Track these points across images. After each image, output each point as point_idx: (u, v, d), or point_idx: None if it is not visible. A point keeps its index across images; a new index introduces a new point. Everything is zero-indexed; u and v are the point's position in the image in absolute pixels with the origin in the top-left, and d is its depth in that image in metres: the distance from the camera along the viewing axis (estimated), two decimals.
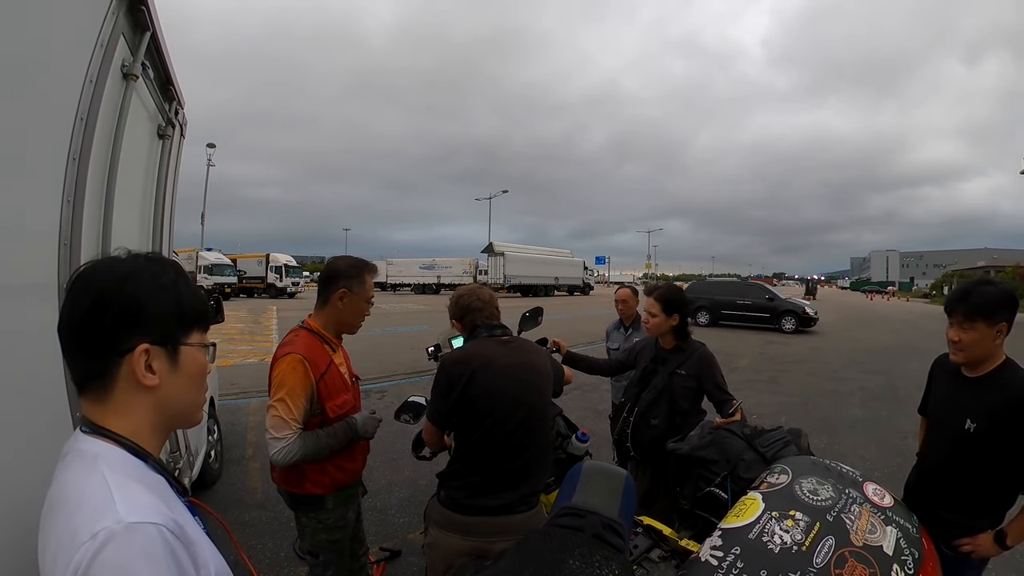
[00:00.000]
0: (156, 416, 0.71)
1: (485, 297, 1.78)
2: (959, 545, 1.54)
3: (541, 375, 1.66)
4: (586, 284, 42.06)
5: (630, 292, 3.67)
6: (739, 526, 1.16)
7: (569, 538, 0.95)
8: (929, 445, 1.73)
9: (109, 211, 1.41)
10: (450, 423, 1.62)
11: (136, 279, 0.68)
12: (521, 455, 1.55)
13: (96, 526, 0.54)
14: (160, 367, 0.69)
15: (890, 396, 6.73)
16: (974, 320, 1.49)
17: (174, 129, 2.16)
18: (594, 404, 5.71)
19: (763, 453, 1.62)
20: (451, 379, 1.54)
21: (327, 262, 1.88)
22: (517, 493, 1.54)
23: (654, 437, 2.15)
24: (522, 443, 1.55)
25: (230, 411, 5.43)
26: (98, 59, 1.25)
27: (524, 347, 1.72)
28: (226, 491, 3.53)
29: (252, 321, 15.40)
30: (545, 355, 1.77)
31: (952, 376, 1.65)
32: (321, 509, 1.76)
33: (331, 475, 1.75)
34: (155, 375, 0.68)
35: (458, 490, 1.55)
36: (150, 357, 0.68)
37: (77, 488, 0.60)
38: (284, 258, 31.69)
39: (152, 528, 0.56)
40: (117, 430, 0.67)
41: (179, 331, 0.71)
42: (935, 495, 1.62)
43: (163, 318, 0.69)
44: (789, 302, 15.39)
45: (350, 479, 1.83)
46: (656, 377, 2.26)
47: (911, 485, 1.76)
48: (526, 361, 1.64)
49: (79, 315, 0.66)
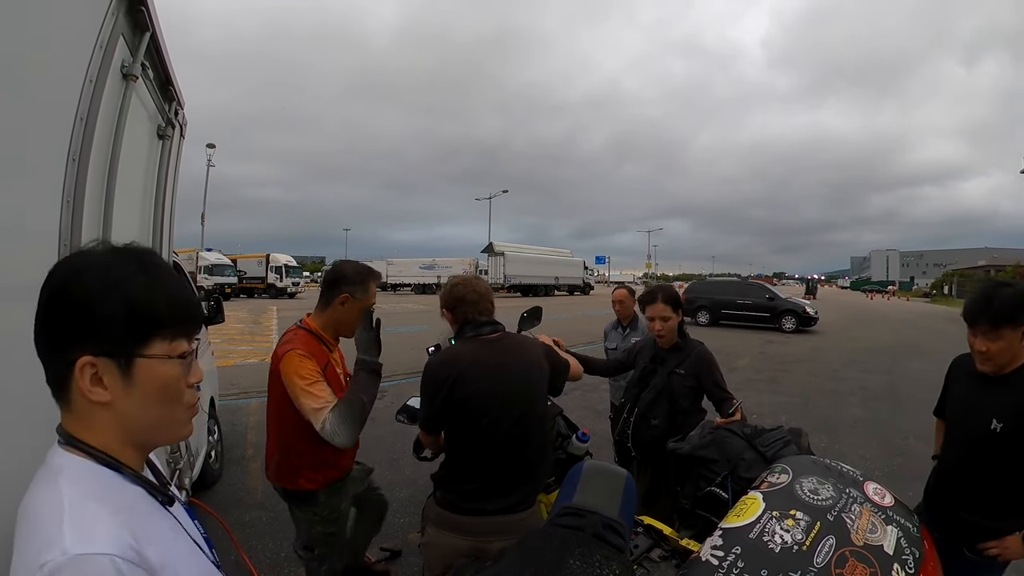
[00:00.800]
0: (123, 432, 0.63)
1: (481, 290, 1.68)
2: (984, 548, 1.50)
3: (534, 372, 1.60)
4: (586, 284, 42.08)
5: (627, 292, 3.66)
6: (740, 526, 1.16)
7: (569, 538, 0.95)
8: (949, 447, 1.70)
9: (109, 212, 1.41)
10: (440, 427, 1.59)
11: (85, 276, 0.59)
12: (516, 459, 1.52)
13: (43, 557, 0.51)
14: (112, 382, 0.60)
15: (891, 396, 6.73)
16: (1000, 328, 1.45)
17: (174, 129, 2.15)
18: (594, 404, 5.70)
19: (763, 453, 1.62)
20: (436, 383, 1.51)
21: (333, 265, 1.93)
22: (515, 496, 1.52)
23: (654, 437, 2.15)
24: (517, 446, 1.51)
25: (230, 411, 5.43)
26: (98, 60, 1.25)
27: (514, 344, 1.66)
28: (226, 491, 3.53)
29: (252, 321, 15.40)
30: (538, 350, 1.70)
31: (972, 377, 1.61)
32: (314, 503, 1.82)
33: (323, 472, 1.81)
34: (106, 390, 0.60)
35: (453, 494, 1.53)
36: (98, 370, 0.59)
37: (35, 509, 0.56)
38: (284, 258, 31.71)
39: (103, 559, 0.51)
40: (88, 441, 0.61)
41: (130, 340, 0.60)
42: (957, 497, 1.59)
43: (108, 324, 0.58)
44: (789, 302, 15.38)
45: (341, 474, 1.88)
46: (655, 377, 2.25)
47: (931, 487, 1.73)
48: (516, 359, 1.58)
49: (38, 315, 0.60)
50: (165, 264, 0.65)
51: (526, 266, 35.54)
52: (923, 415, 5.97)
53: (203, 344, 3.77)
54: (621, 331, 3.60)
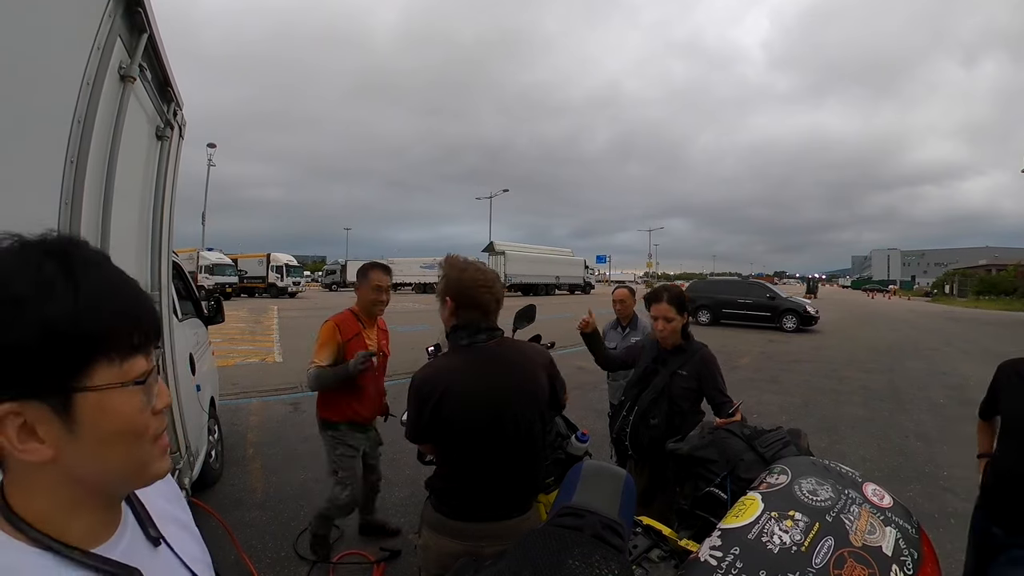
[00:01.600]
0: (72, 491, 0.47)
1: (497, 293, 1.48)
2: None
3: (530, 387, 1.47)
4: (587, 283, 42.08)
5: (627, 292, 3.66)
6: (738, 526, 1.16)
7: (569, 538, 0.95)
8: (1010, 451, 1.71)
9: (107, 213, 1.42)
10: (426, 439, 1.53)
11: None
12: (508, 474, 1.46)
13: None
14: (49, 431, 0.43)
15: (892, 396, 6.72)
16: None
17: (172, 130, 2.16)
18: (594, 404, 5.70)
19: (763, 453, 1.62)
20: (421, 399, 1.43)
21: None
22: (510, 504, 1.48)
23: (653, 437, 2.15)
24: (509, 463, 1.45)
25: (231, 411, 5.44)
26: (95, 61, 1.25)
27: (513, 354, 1.51)
28: (227, 491, 3.53)
29: (253, 321, 15.42)
30: (539, 361, 1.54)
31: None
32: (336, 429, 2.59)
33: (344, 410, 2.58)
34: (43, 443, 0.43)
35: (445, 503, 1.50)
36: (26, 419, 0.43)
37: None
38: (285, 258, 31.73)
39: None
40: (23, 513, 0.45)
41: (62, 372, 0.43)
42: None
43: (20, 357, 0.41)
44: (790, 301, 15.37)
45: (359, 418, 2.62)
46: (657, 377, 2.25)
47: (989, 487, 1.77)
48: (512, 374, 1.46)
49: None
50: (97, 256, 0.48)
51: (527, 265, 35.54)
52: (924, 415, 5.98)
53: (203, 344, 3.77)
54: (621, 331, 3.60)
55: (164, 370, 2.12)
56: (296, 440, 4.61)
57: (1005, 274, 44.60)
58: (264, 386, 6.72)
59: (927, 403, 6.32)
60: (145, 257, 2.03)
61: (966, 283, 46.58)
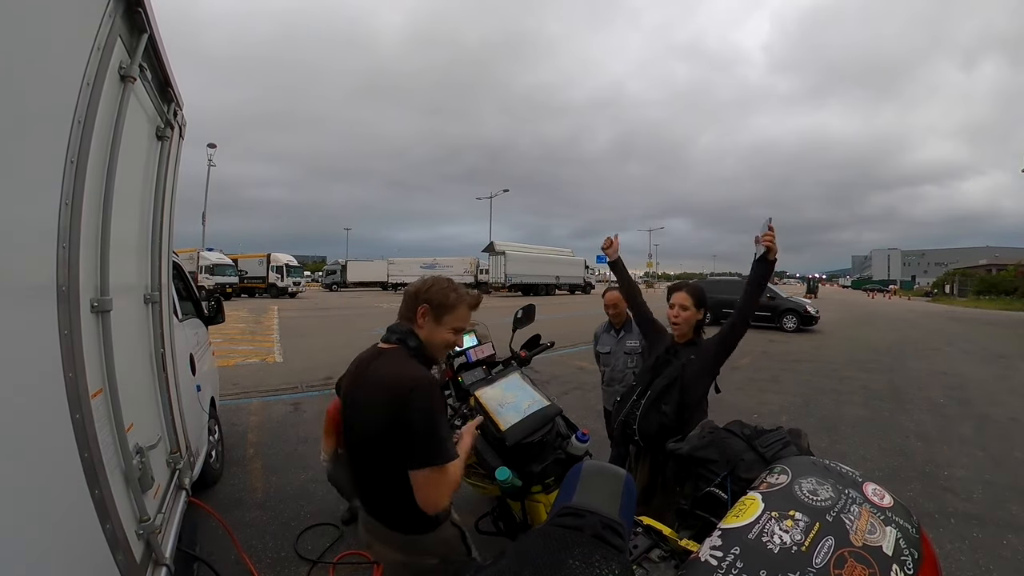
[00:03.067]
0: None
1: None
2: None
3: (376, 408, 1.30)
4: (587, 283, 42.10)
5: (619, 295, 3.33)
6: (739, 526, 1.16)
7: (569, 538, 0.95)
8: None
9: (108, 213, 1.41)
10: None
11: None
12: (365, 484, 1.42)
13: None
14: None
15: (892, 396, 6.72)
16: None
17: (173, 130, 2.16)
18: (594, 404, 5.70)
19: (763, 453, 1.62)
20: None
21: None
22: (381, 516, 1.42)
23: (662, 424, 2.15)
24: (362, 470, 1.41)
25: (231, 411, 5.45)
26: (95, 62, 1.25)
27: (388, 365, 1.36)
28: (227, 491, 3.53)
29: (253, 321, 15.42)
30: (400, 388, 1.27)
31: None
32: None
33: None
34: None
35: None
36: None
37: None
38: (285, 258, 31.77)
39: None
40: None
41: None
42: None
43: None
44: (791, 301, 15.37)
45: None
46: (670, 367, 2.28)
47: None
48: (371, 384, 1.35)
49: None
50: None
51: (527, 265, 35.54)
52: (924, 415, 5.97)
53: (204, 344, 3.78)
54: (615, 334, 3.45)
55: (164, 370, 2.12)
56: (296, 440, 4.61)
57: (1005, 274, 44.58)
58: (264, 386, 6.73)
59: (927, 403, 6.32)
60: (145, 257, 2.03)
61: (966, 283, 46.57)
